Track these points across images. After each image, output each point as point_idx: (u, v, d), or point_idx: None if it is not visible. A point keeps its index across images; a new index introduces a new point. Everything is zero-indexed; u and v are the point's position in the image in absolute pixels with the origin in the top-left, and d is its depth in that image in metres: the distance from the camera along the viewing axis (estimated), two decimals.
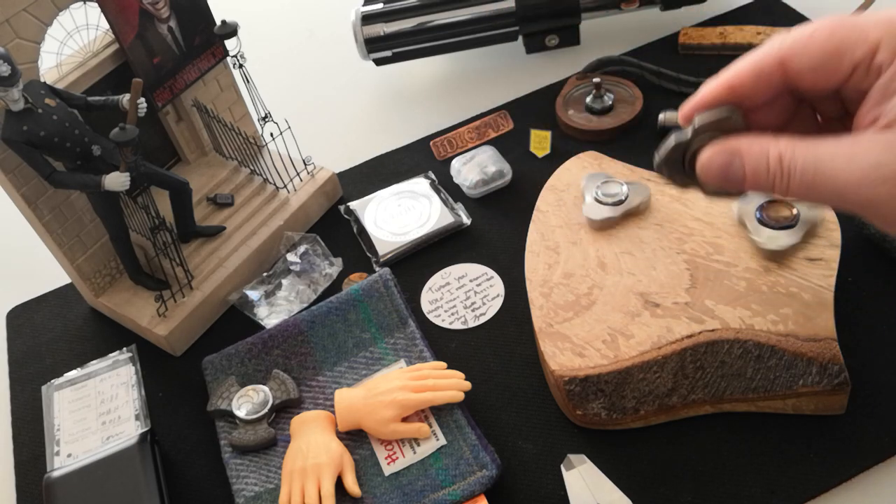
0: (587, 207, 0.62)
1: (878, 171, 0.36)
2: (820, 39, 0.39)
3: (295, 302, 0.66)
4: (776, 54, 0.40)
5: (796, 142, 0.39)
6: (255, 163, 0.72)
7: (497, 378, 0.59)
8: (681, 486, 0.51)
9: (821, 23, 0.39)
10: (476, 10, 0.82)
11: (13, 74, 0.53)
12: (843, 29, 0.39)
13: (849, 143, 0.38)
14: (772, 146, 0.40)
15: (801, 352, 0.51)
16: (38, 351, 0.69)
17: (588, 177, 0.64)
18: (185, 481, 0.58)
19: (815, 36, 0.39)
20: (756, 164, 0.40)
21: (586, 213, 0.61)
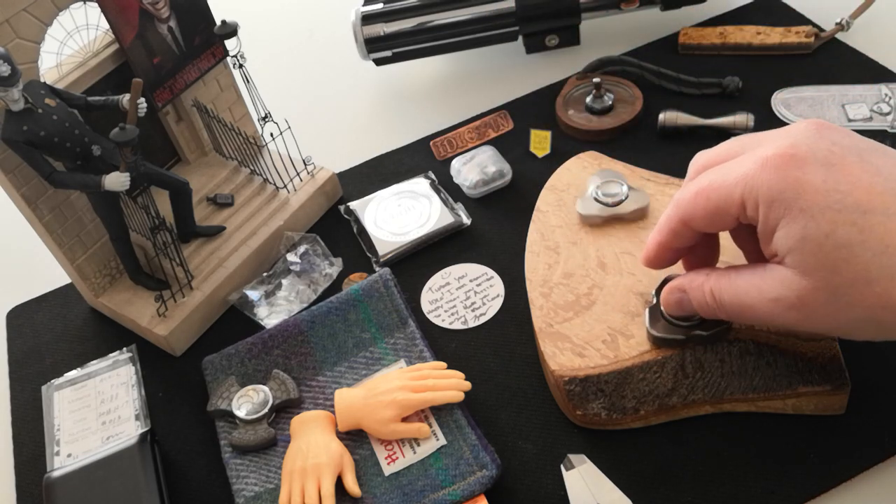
0: (581, 203, 0.62)
1: (780, 303, 0.44)
2: (701, 205, 0.46)
3: (295, 302, 0.66)
4: (678, 217, 0.48)
5: (722, 278, 0.48)
6: (255, 163, 0.72)
7: (497, 378, 0.59)
8: (681, 486, 0.51)
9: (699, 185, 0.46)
10: (476, 10, 0.82)
11: (13, 74, 0.53)
12: (715, 193, 0.45)
13: (757, 277, 0.45)
14: (705, 284, 0.48)
15: (801, 352, 0.51)
16: (38, 351, 0.69)
17: (599, 172, 0.63)
18: (185, 481, 0.58)
19: (697, 202, 0.47)
20: (697, 299, 0.49)
21: (580, 208, 0.61)
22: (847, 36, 0.80)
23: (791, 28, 0.79)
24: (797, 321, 0.44)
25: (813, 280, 0.42)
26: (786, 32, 0.79)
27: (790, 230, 0.42)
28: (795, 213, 0.42)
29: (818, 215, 0.41)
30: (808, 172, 0.42)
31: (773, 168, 0.42)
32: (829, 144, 0.43)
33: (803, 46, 0.78)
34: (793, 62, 0.77)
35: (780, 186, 0.42)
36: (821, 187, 0.41)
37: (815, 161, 0.42)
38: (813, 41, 0.78)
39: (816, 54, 0.78)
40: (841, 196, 0.41)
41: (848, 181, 0.41)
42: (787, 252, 0.43)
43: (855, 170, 0.42)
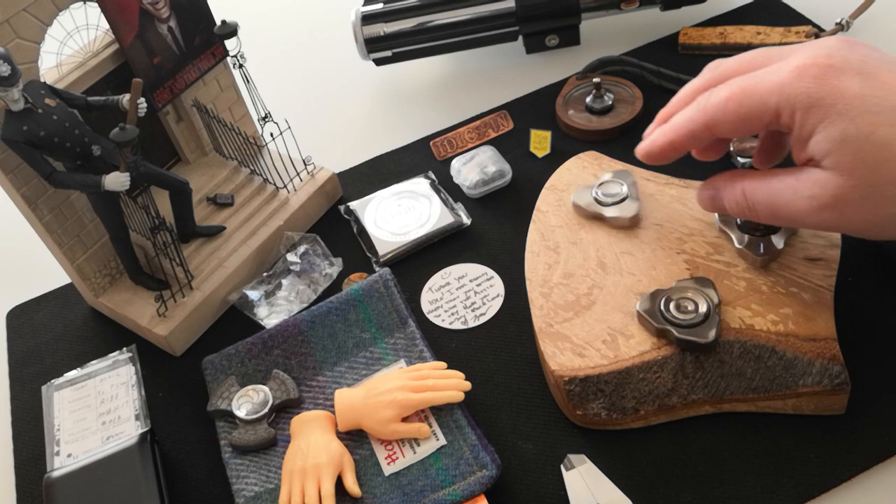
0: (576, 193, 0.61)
1: (816, 201, 0.45)
2: (732, 110, 0.47)
3: (295, 302, 0.66)
4: (703, 121, 0.49)
5: (756, 178, 0.49)
6: (255, 163, 0.72)
7: (497, 378, 0.59)
8: (681, 486, 0.51)
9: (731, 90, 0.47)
10: (476, 10, 0.82)
11: (13, 74, 0.53)
12: (748, 99, 0.47)
13: (793, 178, 0.47)
14: (738, 184, 0.50)
15: (801, 352, 0.51)
16: (38, 351, 0.69)
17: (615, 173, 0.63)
18: (185, 481, 0.58)
19: (728, 107, 0.47)
20: (730, 199, 0.51)
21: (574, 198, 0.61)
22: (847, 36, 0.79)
23: (791, 28, 0.79)
24: (831, 219, 0.46)
25: (851, 179, 0.44)
26: (786, 32, 0.79)
27: (829, 133, 0.44)
28: (834, 118, 0.43)
29: (857, 118, 0.43)
30: (844, 80, 0.44)
31: (811, 77, 0.44)
32: (861, 56, 0.45)
33: None
34: None
35: (818, 93, 0.44)
36: (858, 93, 0.43)
37: (851, 69, 0.44)
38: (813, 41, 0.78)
39: None
40: (878, 100, 0.43)
41: (883, 87, 0.43)
42: (825, 154, 0.44)
43: (888, 78, 0.44)
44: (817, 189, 0.45)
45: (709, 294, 0.54)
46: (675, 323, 0.52)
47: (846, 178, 0.44)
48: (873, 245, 0.60)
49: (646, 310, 0.54)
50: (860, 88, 0.43)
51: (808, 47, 0.46)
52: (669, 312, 0.53)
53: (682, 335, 0.52)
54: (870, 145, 0.43)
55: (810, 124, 0.45)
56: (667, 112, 0.54)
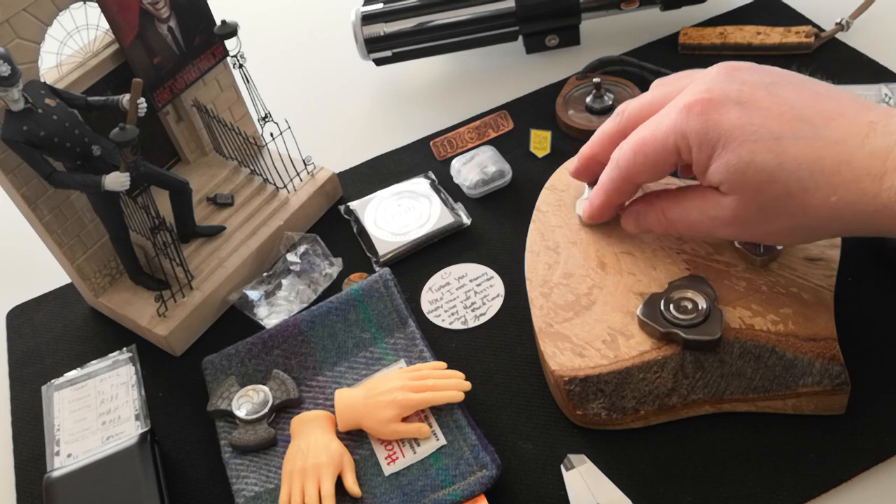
0: (580, 204, 0.62)
1: (719, 220, 0.51)
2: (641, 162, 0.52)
3: (295, 302, 0.66)
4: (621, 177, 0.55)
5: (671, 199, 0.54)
6: (255, 163, 0.72)
7: (497, 378, 0.59)
8: (681, 486, 0.51)
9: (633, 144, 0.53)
10: (476, 10, 0.82)
11: (13, 74, 0.53)
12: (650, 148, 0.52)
13: (700, 199, 0.52)
14: (657, 206, 0.55)
15: (802, 352, 0.51)
16: (38, 351, 0.69)
17: None
18: (185, 481, 0.58)
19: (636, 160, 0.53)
20: (652, 219, 0.56)
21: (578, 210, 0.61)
22: (847, 36, 0.80)
23: (791, 28, 0.79)
24: (735, 233, 0.52)
25: (743, 200, 0.49)
26: (786, 32, 0.79)
27: (718, 164, 0.49)
28: (720, 150, 0.48)
29: (738, 148, 0.47)
30: (724, 113, 0.48)
31: (695, 114, 0.49)
32: (739, 85, 0.49)
33: (803, 46, 0.78)
34: (793, 62, 0.77)
35: (703, 129, 0.48)
36: (737, 123, 0.47)
37: (729, 101, 0.48)
38: (813, 41, 0.78)
39: (816, 54, 0.78)
40: (755, 128, 0.47)
41: (759, 114, 0.47)
42: (720, 182, 0.49)
43: (764, 103, 0.47)
44: (719, 210, 0.50)
45: (705, 291, 0.54)
46: (680, 324, 0.52)
47: (738, 200, 0.49)
48: (873, 245, 0.60)
49: (647, 315, 0.53)
50: (738, 118, 0.47)
51: (694, 84, 0.50)
52: (672, 315, 0.53)
53: (689, 335, 0.52)
54: (752, 171, 0.47)
55: (704, 157, 0.49)
56: (585, 153, 0.59)
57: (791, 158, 0.46)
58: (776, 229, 0.49)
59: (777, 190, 0.47)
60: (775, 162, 0.46)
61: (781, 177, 0.46)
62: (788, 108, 0.47)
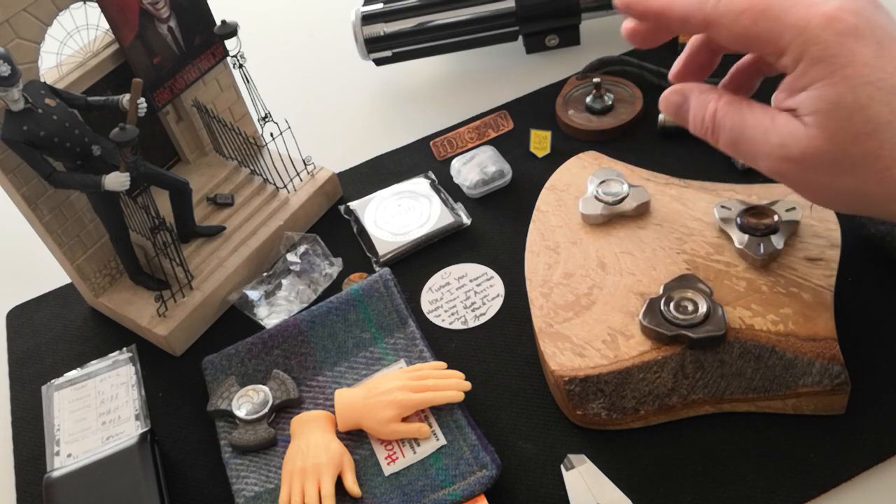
0: (583, 202, 0.62)
1: (782, 150, 0.44)
2: (742, 24, 0.45)
3: (295, 302, 0.66)
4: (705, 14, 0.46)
5: (731, 103, 0.47)
6: (255, 163, 0.72)
7: (497, 378, 0.59)
8: (681, 486, 0.51)
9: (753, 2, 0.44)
10: (476, 10, 0.82)
11: (13, 74, 0.53)
12: (765, 22, 0.44)
13: (768, 119, 0.45)
14: (711, 102, 0.48)
15: (802, 352, 0.51)
16: (38, 351, 0.69)
17: (597, 172, 0.64)
18: (185, 481, 0.58)
19: (740, 19, 0.45)
20: (696, 113, 0.49)
21: (582, 208, 0.61)
22: None
23: None
24: (788, 171, 0.46)
25: (828, 143, 0.43)
26: None
27: (825, 93, 0.43)
28: (838, 80, 0.43)
29: (859, 87, 0.42)
30: (863, 45, 0.43)
31: (835, 32, 0.43)
32: (884, 23, 0.44)
33: None
34: None
35: (834, 50, 0.43)
36: (870, 62, 0.42)
37: (873, 36, 0.43)
38: None
39: None
40: (885, 76, 0.42)
41: (892, 64, 0.43)
42: (812, 111, 0.44)
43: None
44: (790, 140, 0.45)
45: (700, 288, 0.54)
46: (685, 325, 0.52)
47: (823, 141, 0.44)
48: (873, 245, 0.60)
49: (651, 322, 0.53)
50: (873, 58, 0.43)
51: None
52: (675, 317, 0.53)
53: (697, 334, 0.52)
54: (860, 117, 0.43)
55: (811, 76, 0.43)
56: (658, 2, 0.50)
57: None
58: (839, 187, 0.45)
59: (870, 147, 0.43)
60: (888, 118, 0.42)
61: (883, 136, 0.42)
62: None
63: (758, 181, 0.63)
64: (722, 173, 0.68)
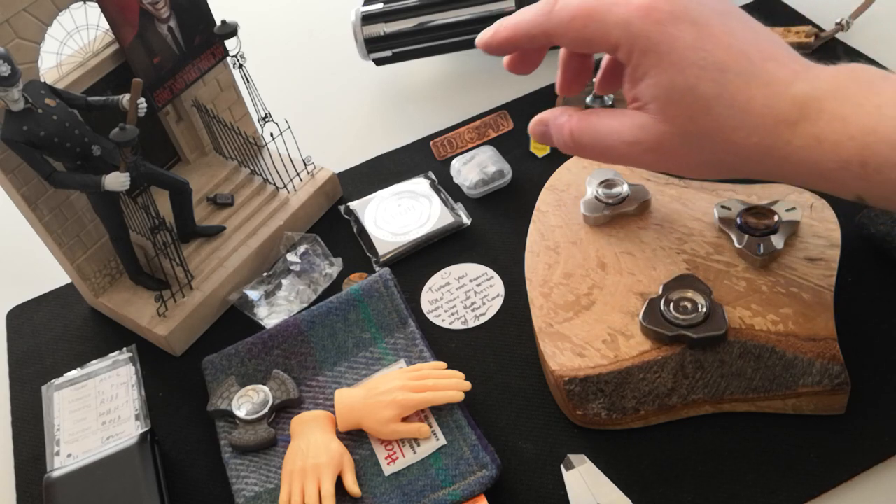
0: (584, 203, 0.62)
1: (638, 146, 0.48)
2: (575, 29, 0.48)
3: (295, 302, 0.66)
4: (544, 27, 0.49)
5: (581, 119, 0.51)
6: (255, 163, 0.72)
7: (497, 378, 0.59)
8: (681, 486, 0.51)
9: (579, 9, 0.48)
10: (476, 10, 0.82)
11: (13, 74, 0.53)
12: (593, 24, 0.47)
13: (616, 122, 0.49)
14: (566, 124, 0.52)
15: (802, 352, 0.51)
16: (38, 351, 0.69)
17: (597, 172, 0.64)
18: (185, 481, 0.58)
19: (571, 25, 0.48)
20: (557, 137, 0.52)
21: (582, 208, 0.61)
22: (847, 36, 0.80)
23: (791, 28, 0.79)
24: (651, 162, 0.50)
25: (672, 126, 0.47)
26: (786, 32, 0.79)
27: (659, 80, 0.46)
28: (666, 66, 0.46)
29: (686, 69, 0.46)
30: (681, 29, 0.46)
31: (654, 21, 0.46)
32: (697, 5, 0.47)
33: (803, 46, 0.78)
34: None
35: (656, 38, 0.46)
36: (690, 44, 0.46)
37: (689, 19, 0.46)
38: (813, 41, 0.78)
39: (816, 54, 0.78)
40: (706, 54, 0.46)
41: (711, 41, 0.46)
42: (651, 100, 0.47)
43: (717, 31, 0.46)
44: (641, 134, 0.48)
45: (699, 287, 0.54)
46: (685, 325, 0.52)
47: (667, 125, 0.47)
48: (873, 245, 0.60)
49: (652, 322, 0.53)
50: (693, 40, 0.46)
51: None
52: (675, 317, 0.53)
53: (698, 334, 0.52)
54: (692, 97, 0.46)
55: (644, 67, 0.47)
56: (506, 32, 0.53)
57: (730, 93, 0.46)
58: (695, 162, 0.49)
59: (709, 123, 0.46)
60: (715, 93, 0.46)
61: (716, 110, 0.46)
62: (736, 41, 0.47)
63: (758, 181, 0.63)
64: None
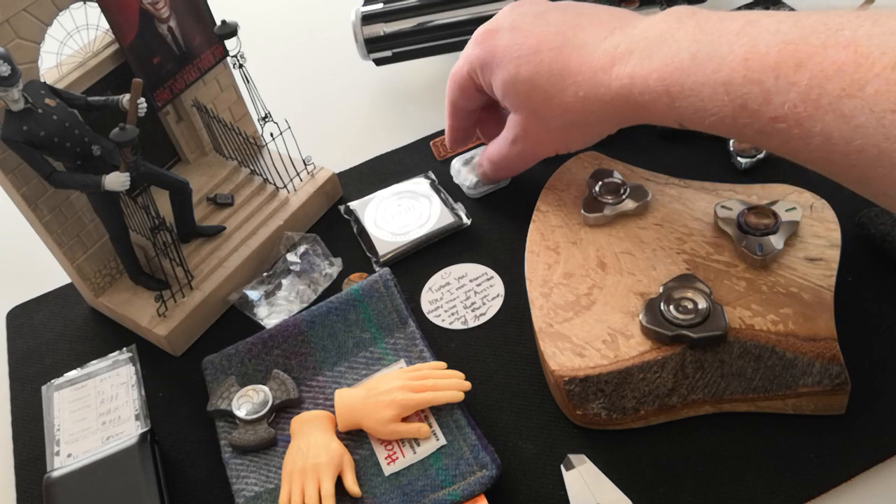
0: (584, 203, 0.62)
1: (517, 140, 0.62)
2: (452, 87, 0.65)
3: (295, 302, 0.66)
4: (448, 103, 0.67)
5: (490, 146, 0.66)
6: (255, 163, 0.72)
7: (497, 378, 0.59)
8: (681, 486, 0.51)
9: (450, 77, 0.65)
10: (476, 10, 0.82)
11: (13, 74, 0.53)
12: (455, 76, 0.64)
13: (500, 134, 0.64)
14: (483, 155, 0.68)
15: (801, 352, 0.51)
16: (38, 351, 0.69)
17: (597, 172, 0.64)
18: (185, 481, 0.58)
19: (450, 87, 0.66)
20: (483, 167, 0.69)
21: (582, 208, 0.61)
22: None
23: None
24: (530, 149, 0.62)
25: (523, 112, 0.59)
26: None
27: (496, 82, 0.59)
28: (495, 68, 0.58)
29: (507, 64, 0.57)
30: (498, 38, 0.58)
31: (478, 43, 0.60)
32: (515, 15, 0.59)
33: None
34: None
35: (484, 54, 0.59)
36: (506, 45, 0.58)
37: (504, 29, 0.58)
38: None
39: None
40: (518, 45, 0.57)
41: (524, 35, 0.57)
42: (501, 98, 0.59)
43: (528, 26, 0.57)
44: (513, 130, 0.61)
45: (699, 287, 0.54)
46: (685, 325, 0.52)
47: (519, 112, 0.59)
48: (873, 245, 0.60)
49: (652, 322, 0.53)
50: (507, 41, 0.57)
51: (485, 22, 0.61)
52: (675, 317, 0.53)
53: (698, 334, 0.52)
54: (519, 82, 0.57)
55: (486, 78, 0.59)
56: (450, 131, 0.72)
57: (546, 66, 0.55)
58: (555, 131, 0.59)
59: (540, 95, 0.56)
60: (534, 70, 0.55)
61: (540, 82, 0.55)
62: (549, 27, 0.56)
63: (758, 181, 0.63)
64: (722, 173, 0.68)
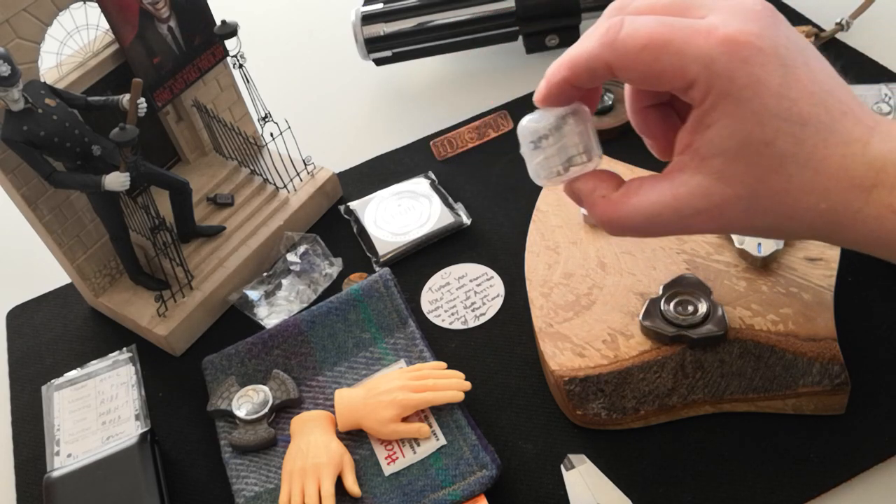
0: None
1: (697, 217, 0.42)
2: (645, 61, 0.40)
3: (295, 302, 0.66)
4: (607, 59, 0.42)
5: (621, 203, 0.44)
6: (255, 163, 0.72)
7: (497, 378, 0.59)
8: (681, 486, 0.51)
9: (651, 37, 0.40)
10: (476, 10, 0.82)
11: (13, 74, 0.53)
12: (668, 56, 0.40)
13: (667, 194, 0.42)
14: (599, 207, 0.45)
15: (801, 352, 0.51)
16: (38, 351, 0.69)
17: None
18: (185, 481, 0.58)
19: (641, 56, 0.40)
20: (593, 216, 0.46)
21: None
22: (847, 36, 0.79)
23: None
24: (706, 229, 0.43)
25: (737, 188, 0.40)
26: None
27: (733, 130, 0.40)
28: (745, 114, 0.39)
29: (767, 122, 0.39)
30: (769, 72, 0.39)
31: (740, 60, 0.39)
32: (784, 40, 0.40)
33: None
34: None
35: (740, 81, 0.39)
36: (775, 91, 0.39)
37: (776, 58, 0.39)
38: (813, 41, 0.78)
39: None
40: (790, 105, 0.39)
41: (797, 88, 0.39)
42: (718, 153, 0.40)
43: (802, 75, 0.40)
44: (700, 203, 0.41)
45: (700, 287, 0.54)
46: (685, 325, 0.52)
47: (731, 188, 0.40)
48: None
49: (650, 320, 0.53)
50: (778, 86, 0.39)
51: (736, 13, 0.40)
52: (675, 318, 0.53)
53: (697, 334, 0.52)
54: (768, 154, 0.39)
55: (717, 113, 0.40)
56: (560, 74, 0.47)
57: (806, 152, 0.39)
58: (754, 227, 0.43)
59: (777, 184, 0.40)
60: (792, 151, 0.39)
61: (789, 170, 0.39)
62: (818, 90, 0.40)
63: None
64: None
